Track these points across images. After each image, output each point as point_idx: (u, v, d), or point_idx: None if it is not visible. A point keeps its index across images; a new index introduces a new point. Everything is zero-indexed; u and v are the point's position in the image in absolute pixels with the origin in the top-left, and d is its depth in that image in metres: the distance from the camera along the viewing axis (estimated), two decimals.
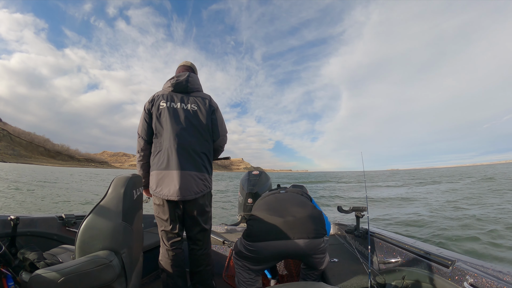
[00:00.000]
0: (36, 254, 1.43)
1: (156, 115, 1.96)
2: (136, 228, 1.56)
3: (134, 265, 1.55)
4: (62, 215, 2.18)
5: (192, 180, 1.89)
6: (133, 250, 1.49)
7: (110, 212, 1.35)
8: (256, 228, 1.69)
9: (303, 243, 1.60)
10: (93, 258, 1.25)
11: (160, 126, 1.95)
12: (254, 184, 3.33)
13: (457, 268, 1.30)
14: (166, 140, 1.91)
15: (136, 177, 1.57)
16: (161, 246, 1.99)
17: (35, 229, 1.93)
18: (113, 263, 1.27)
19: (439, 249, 1.58)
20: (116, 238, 1.34)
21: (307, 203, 1.85)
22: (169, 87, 2.05)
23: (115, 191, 1.39)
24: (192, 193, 1.89)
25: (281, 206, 1.78)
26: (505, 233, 6.19)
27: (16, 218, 1.69)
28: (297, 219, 1.65)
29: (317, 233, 1.63)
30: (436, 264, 1.44)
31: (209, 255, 2.12)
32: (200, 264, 2.06)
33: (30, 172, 45.93)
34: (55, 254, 1.56)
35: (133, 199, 1.49)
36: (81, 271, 1.21)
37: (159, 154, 1.92)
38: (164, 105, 1.97)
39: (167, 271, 1.94)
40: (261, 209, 1.81)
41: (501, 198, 12.53)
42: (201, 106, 2.04)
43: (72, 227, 2.18)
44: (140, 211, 1.70)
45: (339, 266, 2.11)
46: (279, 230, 1.62)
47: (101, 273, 1.24)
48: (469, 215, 8.29)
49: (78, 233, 1.31)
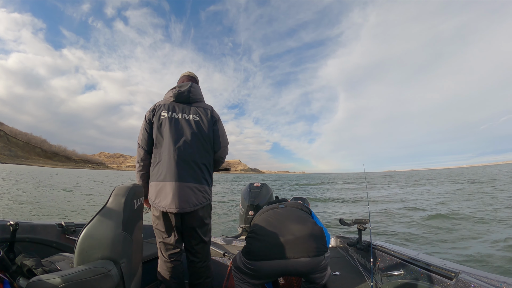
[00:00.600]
0: (34, 261, 1.42)
1: (157, 125, 1.94)
2: (136, 238, 1.55)
3: (133, 276, 1.53)
4: (62, 223, 2.16)
5: (191, 192, 1.86)
6: (132, 260, 1.48)
7: (110, 221, 1.35)
8: (255, 246, 1.66)
9: (304, 262, 1.56)
10: (92, 267, 1.24)
11: (161, 136, 1.92)
12: (255, 196, 3.32)
13: (461, 280, 1.28)
14: (166, 151, 1.88)
15: (137, 187, 1.57)
16: (159, 258, 1.97)
17: (34, 235, 1.91)
18: (111, 273, 1.26)
19: (443, 261, 1.56)
20: (116, 247, 1.33)
21: (308, 219, 1.79)
22: (170, 97, 2.04)
23: (116, 201, 1.39)
24: (191, 205, 1.85)
25: (281, 223, 1.73)
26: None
27: (15, 223, 1.69)
28: (297, 237, 1.61)
29: (318, 251, 1.60)
30: (440, 277, 1.42)
31: (209, 268, 2.08)
32: (200, 277, 2.02)
33: (26, 173, 45.58)
34: (54, 262, 1.54)
35: (133, 209, 1.48)
36: (79, 280, 1.20)
37: (159, 164, 1.89)
38: (166, 115, 1.95)
39: (166, 282, 1.92)
40: (259, 226, 1.78)
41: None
42: (202, 117, 2.02)
43: (72, 235, 2.17)
44: (140, 221, 1.69)
45: (341, 279, 2.08)
46: (278, 249, 1.58)
47: (100, 282, 1.23)
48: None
49: (78, 241, 1.30)
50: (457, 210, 10.69)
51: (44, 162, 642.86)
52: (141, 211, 1.71)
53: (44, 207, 11.53)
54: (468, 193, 17.38)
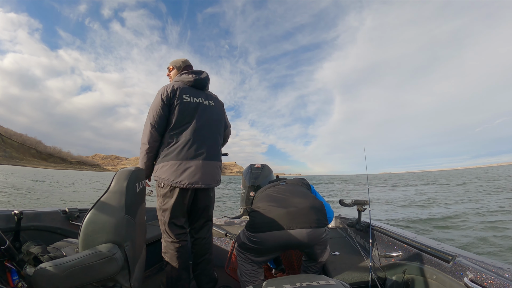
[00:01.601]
0: (40, 248, 1.44)
1: (180, 108, 1.95)
2: (139, 221, 1.56)
3: (137, 258, 1.55)
4: (66, 209, 2.19)
5: (216, 170, 2.08)
6: (136, 243, 1.50)
7: (113, 205, 1.35)
8: (259, 219, 1.71)
9: (306, 232, 1.62)
10: (96, 251, 1.25)
11: (184, 118, 1.96)
12: (256, 177, 3.34)
13: (457, 264, 1.30)
14: (190, 131, 1.96)
15: (139, 170, 1.56)
16: (165, 239, 1.99)
17: (38, 223, 1.93)
18: (116, 256, 1.27)
19: (440, 244, 1.58)
20: (119, 231, 1.34)
21: (308, 193, 1.87)
22: (189, 82, 2.08)
23: (118, 185, 1.38)
24: (215, 181, 2.08)
25: (283, 197, 1.81)
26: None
27: (20, 212, 1.70)
28: (299, 209, 1.67)
29: (319, 223, 1.65)
30: (437, 259, 1.45)
31: (211, 243, 2.22)
32: (204, 253, 2.12)
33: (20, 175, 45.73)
34: (59, 248, 1.56)
35: (136, 192, 1.48)
36: (84, 264, 1.22)
37: (180, 144, 1.93)
38: (188, 99, 2.01)
39: (172, 263, 1.95)
40: (263, 200, 1.84)
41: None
42: (217, 103, 2.23)
43: (76, 221, 2.19)
44: (143, 204, 1.69)
45: (340, 259, 2.12)
46: (281, 220, 1.64)
47: (105, 266, 1.25)
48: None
49: (82, 226, 1.31)
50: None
51: (39, 163, 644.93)
52: (144, 194, 1.72)
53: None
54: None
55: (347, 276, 1.81)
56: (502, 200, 12.27)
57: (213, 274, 2.18)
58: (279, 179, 2.25)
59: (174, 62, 2.30)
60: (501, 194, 14.55)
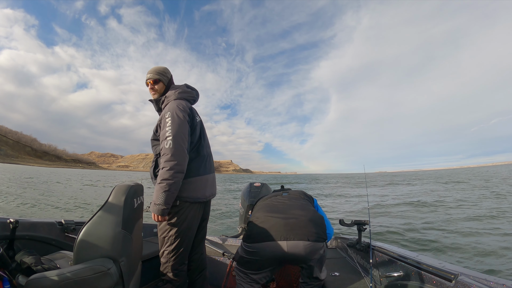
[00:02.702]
0: (33, 258, 1.42)
1: (195, 125, 1.95)
2: (135, 237, 1.55)
3: (132, 274, 1.53)
4: (62, 221, 2.17)
5: (215, 181, 2.18)
6: (131, 258, 1.48)
7: (110, 219, 1.35)
8: (256, 229, 1.70)
9: (303, 245, 1.60)
10: (91, 265, 1.24)
11: (200, 136, 2.01)
12: (255, 196, 3.33)
13: (460, 282, 1.27)
14: (204, 148, 2.04)
15: (137, 185, 1.57)
16: (170, 258, 1.83)
17: (34, 233, 1.91)
18: (111, 271, 1.26)
19: (442, 262, 1.55)
20: (115, 246, 1.33)
21: (309, 207, 1.87)
22: (193, 100, 2.11)
23: (116, 199, 1.39)
24: (216, 192, 2.18)
25: (282, 208, 1.81)
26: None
27: (15, 221, 1.69)
28: (298, 221, 1.67)
29: (318, 237, 1.63)
30: (439, 278, 1.42)
31: (205, 259, 2.21)
32: (201, 270, 2.10)
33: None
34: (53, 259, 1.55)
35: (133, 207, 1.49)
36: (78, 278, 1.20)
37: (201, 161, 1.98)
38: (198, 118, 2.05)
39: (174, 283, 1.84)
40: (261, 210, 1.84)
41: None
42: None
43: (71, 233, 2.17)
44: (140, 220, 1.69)
45: (340, 280, 2.07)
46: (279, 230, 1.63)
47: (99, 280, 1.23)
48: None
49: (77, 239, 1.30)
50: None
51: (34, 161, 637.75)
52: (141, 210, 1.71)
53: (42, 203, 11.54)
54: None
55: None
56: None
57: None
58: (283, 190, 2.25)
59: (160, 72, 2.01)
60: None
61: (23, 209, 10.36)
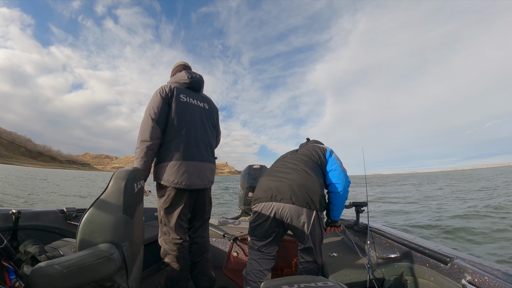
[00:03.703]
0: (37, 248, 1.43)
1: (177, 108, 1.97)
2: (137, 222, 1.56)
3: (135, 258, 1.55)
4: (64, 209, 2.18)
5: (209, 170, 2.10)
6: (134, 243, 1.50)
7: (111, 205, 1.35)
8: (255, 191, 1.90)
9: (288, 208, 1.69)
10: (94, 251, 1.25)
11: (181, 118, 1.98)
12: (254, 178, 3.35)
13: (455, 265, 1.30)
14: (188, 133, 1.99)
15: (137, 170, 1.56)
16: (165, 240, 1.98)
17: (36, 222, 1.93)
18: (114, 256, 1.27)
19: (438, 245, 1.58)
20: (117, 231, 1.34)
21: (308, 170, 1.82)
22: (185, 83, 2.10)
23: (116, 184, 1.38)
24: (210, 182, 2.12)
25: (281, 171, 1.88)
26: None
27: (17, 211, 1.69)
28: (287, 184, 1.74)
29: (304, 203, 1.68)
30: (435, 261, 1.45)
31: (209, 242, 2.27)
32: (202, 253, 2.15)
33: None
34: (57, 248, 1.56)
35: (134, 192, 1.48)
36: (82, 264, 1.22)
37: (180, 145, 1.93)
38: (185, 99, 2.04)
39: (173, 264, 1.94)
40: (266, 174, 1.95)
41: None
42: (211, 105, 2.27)
43: (73, 221, 2.19)
44: (141, 205, 1.69)
45: (338, 260, 2.12)
46: (268, 192, 1.76)
47: (102, 266, 1.25)
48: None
49: (79, 226, 1.30)
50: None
51: (28, 162, 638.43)
52: (142, 194, 1.72)
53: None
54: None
55: (344, 277, 1.81)
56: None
57: (211, 273, 2.18)
58: (307, 142, 2.26)
59: (174, 65, 2.36)
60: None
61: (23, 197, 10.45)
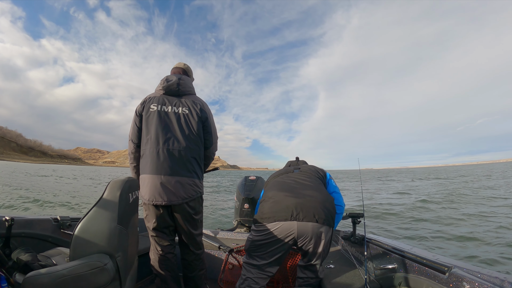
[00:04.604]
0: (30, 256, 1.43)
1: (145, 118, 1.93)
2: (131, 232, 1.56)
3: (129, 269, 1.54)
4: (57, 217, 2.16)
5: (179, 185, 1.85)
6: (128, 253, 1.49)
7: (106, 215, 1.35)
8: (268, 208, 1.69)
9: (311, 226, 1.61)
10: (88, 261, 1.25)
11: (148, 130, 1.90)
12: (250, 189, 3.34)
13: (453, 275, 1.30)
14: (153, 145, 1.86)
15: (132, 180, 1.57)
16: (152, 251, 1.98)
17: (29, 230, 1.91)
18: (107, 267, 1.27)
19: (436, 255, 1.58)
20: (111, 241, 1.34)
21: (321, 186, 1.83)
22: (160, 90, 2.01)
23: (111, 194, 1.39)
24: (179, 198, 1.84)
25: (294, 186, 1.79)
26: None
27: (11, 219, 1.68)
28: (309, 201, 1.65)
29: (327, 221, 1.64)
30: (433, 271, 1.45)
31: (202, 260, 2.10)
32: (193, 269, 2.05)
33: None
34: (50, 256, 1.55)
35: (128, 202, 1.49)
36: (75, 274, 1.21)
37: (146, 158, 1.88)
38: (155, 108, 1.92)
39: (160, 275, 1.94)
40: (273, 189, 1.82)
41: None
42: (192, 110, 1.98)
43: (67, 230, 2.17)
44: (135, 215, 1.69)
45: (335, 272, 2.11)
46: (290, 210, 1.62)
47: (96, 276, 1.24)
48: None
49: (73, 235, 1.30)
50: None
51: (19, 157, 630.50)
52: (137, 205, 1.72)
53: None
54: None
55: None
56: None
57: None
58: (295, 164, 2.21)
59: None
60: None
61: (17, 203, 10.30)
